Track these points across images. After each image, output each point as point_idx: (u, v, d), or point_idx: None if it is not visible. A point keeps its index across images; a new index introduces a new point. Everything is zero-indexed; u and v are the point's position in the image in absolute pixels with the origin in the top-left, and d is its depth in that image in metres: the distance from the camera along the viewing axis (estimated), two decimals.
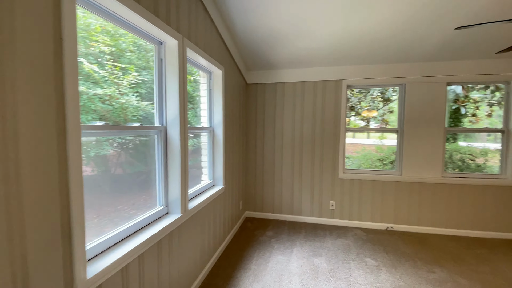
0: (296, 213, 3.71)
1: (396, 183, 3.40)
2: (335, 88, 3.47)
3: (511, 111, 3.10)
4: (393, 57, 3.08)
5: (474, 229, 3.22)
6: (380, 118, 5.33)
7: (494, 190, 3.15)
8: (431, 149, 3.27)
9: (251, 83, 3.72)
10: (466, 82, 3.25)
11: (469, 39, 2.62)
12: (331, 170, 3.55)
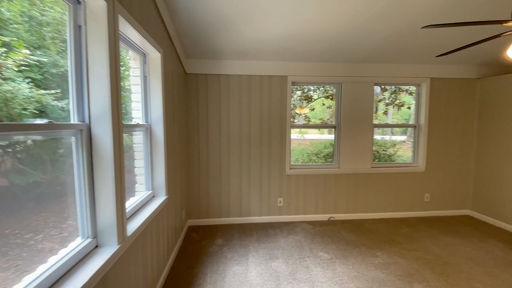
0: (245, 215, 3.50)
1: (335, 175, 3.61)
2: (281, 84, 3.39)
3: (421, 109, 3.70)
4: (334, 57, 3.20)
5: (396, 211, 3.74)
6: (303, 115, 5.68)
7: (409, 176, 3.72)
8: (362, 143, 3.60)
9: (190, 72, 3.25)
10: (388, 83, 3.70)
11: (395, 46, 2.94)
12: (278, 167, 3.49)
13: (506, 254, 2.65)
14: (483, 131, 3.61)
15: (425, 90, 3.61)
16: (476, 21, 1.31)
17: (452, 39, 2.78)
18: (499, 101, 3.37)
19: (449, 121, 3.68)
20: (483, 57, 3.32)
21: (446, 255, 2.65)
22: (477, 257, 2.61)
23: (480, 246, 2.84)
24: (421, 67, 3.53)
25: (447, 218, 3.70)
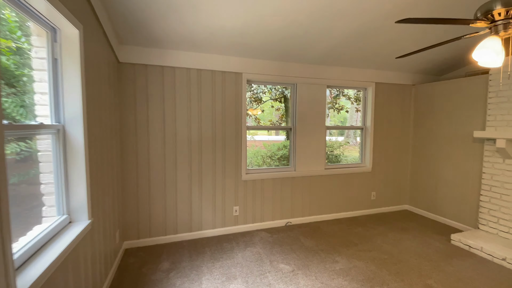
0: (197, 229, 3.07)
1: (292, 179, 3.48)
2: (235, 82, 3.09)
3: (368, 112, 3.87)
4: (290, 56, 3.06)
5: (348, 210, 3.83)
6: (253, 117, 5.54)
7: (358, 176, 3.85)
8: (317, 145, 3.57)
9: (125, 62, 2.67)
10: (339, 86, 3.76)
11: (346, 50, 2.96)
12: (234, 173, 3.17)
13: (445, 245, 2.90)
14: (417, 132, 3.98)
15: (371, 94, 3.80)
16: (447, 18, 1.23)
17: (401, 46, 2.93)
18: (430, 105, 3.75)
19: (390, 123, 3.95)
20: (417, 66, 3.64)
21: (397, 253, 2.74)
22: (423, 251, 2.77)
23: (422, 240, 3.05)
24: (367, 72, 3.68)
25: (390, 213, 3.96)
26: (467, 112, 3.25)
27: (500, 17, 1.25)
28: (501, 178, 2.85)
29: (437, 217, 3.65)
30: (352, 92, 5.27)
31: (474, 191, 3.19)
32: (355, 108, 6.01)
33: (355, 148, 4.88)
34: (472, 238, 2.82)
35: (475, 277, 2.29)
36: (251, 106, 5.37)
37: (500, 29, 1.29)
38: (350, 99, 5.93)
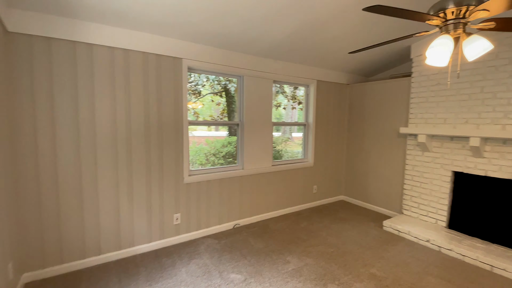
0: (127, 245, 2.54)
1: (240, 178, 3.27)
2: (174, 68, 2.66)
3: (310, 109, 3.95)
4: (237, 45, 2.80)
5: (293, 205, 3.86)
6: (192, 111, 5.13)
7: (302, 171, 3.92)
8: (264, 141, 3.45)
9: (17, 31, 1.94)
10: (285, 82, 3.71)
11: (293, 45, 2.89)
12: (174, 176, 2.75)
13: (379, 232, 3.17)
14: (351, 128, 4.30)
15: (313, 91, 3.88)
16: (410, 10, 1.19)
17: (344, 44, 3.01)
18: (362, 104, 4.08)
19: (329, 120, 4.14)
20: (351, 66, 3.89)
21: (342, 244, 2.85)
22: (363, 240, 2.96)
23: (360, 228, 3.28)
24: (311, 69, 3.74)
25: (329, 205, 4.18)
26: (393, 110, 3.64)
27: (452, 16, 1.29)
28: (421, 168, 3.27)
29: (369, 205, 4.03)
30: (289, 89, 5.41)
31: (398, 181, 3.61)
32: (291, 105, 6.21)
33: (292, 143, 5.00)
34: (400, 223, 3.16)
35: (409, 260, 2.54)
36: (189, 99, 4.90)
37: (450, 29, 1.33)
38: (287, 96, 6.09)
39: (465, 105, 2.83)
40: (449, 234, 2.87)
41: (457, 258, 2.56)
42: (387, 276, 2.28)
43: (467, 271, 2.35)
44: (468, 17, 1.26)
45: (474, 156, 2.77)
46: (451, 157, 2.98)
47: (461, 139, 2.88)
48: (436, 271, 2.35)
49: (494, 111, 2.61)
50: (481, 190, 2.78)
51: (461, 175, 2.93)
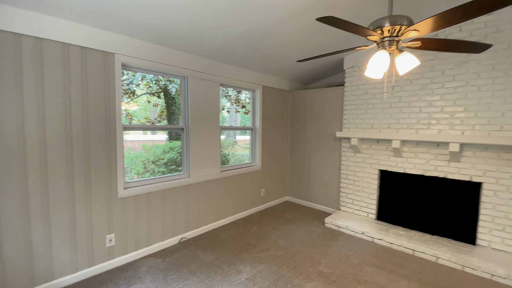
0: (44, 279, 2.03)
1: (185, 187, 3.04)
2: (105, 64, 2.28)
3: (256, 113, 3.98)
4: (180, 43, 2.59)
5: (242, 211, 3.80)
6: (124, 113, 4.61)
7: (250, 176, 3.91)
8: (212, 147, 3.30)
9: None
10: (231, 85, 3.64)
11: (242, 49, 2.86)
12: (105, 190, 2.34)
13: (322, 229, 3.39)
14: (294, 132, 4.52)
15: (259, 96, 3.93)
16: (357, 24, 1.27)
17: (288, 52, 3.12)
18: (303, 110, 4.34)
19: (274, 124, 4.26)
20: (292, 74, 4.10)
21: (290, 245, 2.93)
22: (309, 239, 3.11)
23: (305, 227, 3.44)
24: (257, 74, 3.78)
25: (276, 206, 4.28)
26: (330, 116, 3.97)
27: (388, 33, 1.44)
28: (354, 168, 3.65)
29: (312, 204, 4.29)
30: (233, 93, 5.39)
31: (336, 180, 3.95)
32: (235, 109, 6.20)
33: (237, 146, 4.97)
34: (339, 219, 3.45)
35: (349, 253, 2.77)
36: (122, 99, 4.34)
37: (386, 45, 1.49)
38: (231, 99, 6.06)
39: (387, 112, 3.28)
40: (378, 225, 3.26)
41: (387, 246, 2.93)
42: (333, 271, 2.43)
43: (396, 257, 2.70)
44: (401, 35, 1.42)
45: (395, 156, 3.24)
46: (377, 157, 3.41)
47: (385, 142, 3.33)
48: (372, 261, 2.62)
49: (409, 117, 3.10)
50: (401, 185, 3.26)
51: (386, 173, 3.39)
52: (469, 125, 2.71)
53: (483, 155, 2.65)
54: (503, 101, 2.51)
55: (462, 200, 2.82)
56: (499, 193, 2.59)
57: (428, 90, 2.95)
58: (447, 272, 2.43)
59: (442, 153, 2.89)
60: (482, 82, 2.62)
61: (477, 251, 2.61)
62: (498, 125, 2.55)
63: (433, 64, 2.90)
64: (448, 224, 2.91)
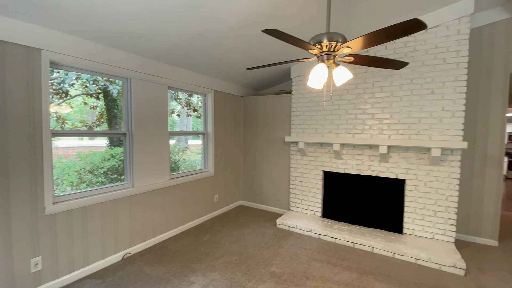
0: None
1: (129, 198, 2.80)
2: (28, 61, 1.97)
3: (208, 118, 3.92)
4: (123, 42, 2.41)
5: (194, 219, 3.68)
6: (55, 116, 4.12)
7: (202, 182, 3.82)
8: (160, 153, 3.13)
9: None
10: (181, 89, 3.52)
11: (192, 51, 2.80)
12: (28, 206, 2.01)
13: (274, 230, 3.50)
14: (246, 137, 4.59)
15: (211, 100, 3.89)
16: (299, 39, 1.38)
17: (239, 59, 3.17)
18: (255, 115, 4.45)
19: (226, 129, 4.26)
20: (244, 80, 4.19)
21: (244, 250, 2.95)
22: (261, 241, 3.18)
23: (258, 230, 3.51)
24: (209, 79, 3.73)
25: (230, 212, 4.27)
26: (280, 121, 4.16)
27: (326, 48, 1.59)
28: (301, 170, 3.88)
29: (265, 206, 4.40)
30: (183, 96, 5.23)
31: (286, 182, 4.14)
32: (186, 112, 6.02)
33: (189, 152, 4.82)
34: (289, 219, 3.61)
35: (299, 251, 2.92)
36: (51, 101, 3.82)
37: (325, 58, 1.64)
38: (181, 102, 5.86)
39: (328, 118, 3.60)
40: (323, 222, 3.52)
41: (331, 241, 3.18)
42: (284, 271, 2.53)
43: (339, 251, 2.95)
44: (337, 51, 1.59)
45: (336, 158, 3.56)
46: (321, 160, 3.70)
47: (327, 145, 3.63)
48: (319, 256, 2.81)
49: (347, 123, 3.45)
50: (342, 184, 3.59)
51: (329, 174, 3.69)
52: (394, 130, 3.15)
53: (405, 155, 3.11)
54: (419, 110, 3.00)
55: (391, 195, 3.25)
56: (418, 187, 3.07)
57: (361, 99, 3.33)
58: (381, 260, 2.75)
59: (374, 154, 3.29)
60: (403, 93, 3.08)
61: (404, 239, 3.03)
62: (416, 130, 3.03)
63: (365, 77, 3.30)
64: (381, 217, 3.31)
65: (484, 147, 3.14)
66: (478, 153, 3.17)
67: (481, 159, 3.16)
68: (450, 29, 2.82)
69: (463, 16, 2.74)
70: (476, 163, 3.19)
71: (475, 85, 3.15)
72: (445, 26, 2.83)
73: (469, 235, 3.28)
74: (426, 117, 2.95)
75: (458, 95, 2.79)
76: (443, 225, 2.95)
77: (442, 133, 2.88)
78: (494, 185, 3.12)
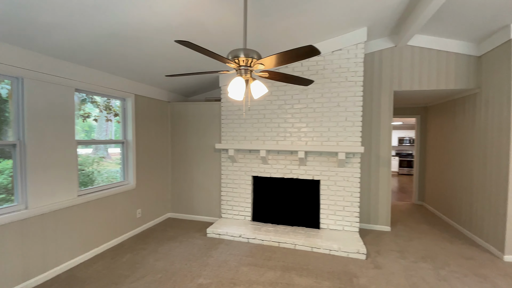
0: None
1: (22, 222, 2.30)
2: None
3: (128, 125, 3.58)
4: (7, 34, 1.99)
5: (111, 239, 3.27)
6: None
7: (121, 196, 3.45)
8: (64, 166, 2.69)
9: None
10: (93, 92, 3.12)
11: (102, 52, 2.54)
12: None
13: (204, 240, 3.43)
14: (175, 145, 4.39)
15: (131, 106, 3.58)
16: (214, 52, 1.43)
17: (164, 63, 3.02)
18: (184, 122, 4.30)
19: (151, 136, 3.99)
20: (172, 85, 4.03)
21: (170, 265, 2.79)
22: (190, 253, 3.07)
23: (187, 242, 3.38)
24: (128, 82, 3.43)
25: (156, 226, 3.97)
26: (210, 128, 4.14)
27: (243, 63, 1.68)
28: (232, 176, 3.95)
29: (196, 216, 4.27)
30: (102, 99, 4.65)
31: (217, 189, 4.13)
32: (105, 117, 5.35)
33: (108, 162, 4.31)
34: (219, 227, 3.61)
35: (228, 258, 2.94)
36: None
37: (242, 72, 1.73)
38: (99, 106, 5.19)
39: (256, 126, 3.79)
40: (253, 226, 3.66)
41: (259, 244, 3.32)
42: (212, 280, 2.50)
43: (266, 252, 3.10)
44: (252, 66, 1.70)
45: (263, 164, 3.77)
46: (250, 165, 3.85)
47: (255, 152, 3.81)
48: (247, 260, 2.90)
49: (271, 131, 3.70)
50: (269, 187, 3.81)
51: (257, 178, 3.87)
52: (310, 137, 3.54)
53: (319, 159, 3.54)
54: (328, 120, 3.47)
55: (310, 195, 3.63)
56: (330, 186, 3.52)
57: (283, 110, 3.64)
58: (302, 255, 3.03)
59: (294, 159, 3.63)
60: (316, 105, 3.51)
61: (320, 234, 3.41)
62: (327, 137, 3.48)
63: (285, 89, 3.63)
64: (302, 216, 3.66)
65: (377, 150, 3.86)
66: (373, 155, 3.87)
67: (376, 160, 3.87)
68: (350, 53, 3.38)
69: (359, 42, 3.33)
70: (372, 163, 3.89)
71: (369, 99, 3.85)
72: (346, 50, 3.38)
73: (370, 223, 3.95)
74: (334, 126, 3.44)
75: (357, 108, 3.36)
76: (350, 217, 3.47)
77: (346, 139, 3.40)
78: (386, 180, 3.86)
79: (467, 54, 3.51)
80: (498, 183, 3.08)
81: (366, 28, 3.25)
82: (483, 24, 2.93)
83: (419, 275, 2.63)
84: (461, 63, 3.54)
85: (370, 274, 2.65)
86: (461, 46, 3.49)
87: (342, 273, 2.64)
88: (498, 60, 3.09)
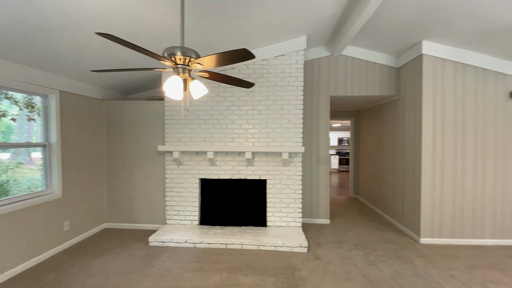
0: None
1: None
2: None
3: (51, 125, 3.12)
4: None
5: (31, 258, 2.79)
6: None
7: (43, 208, 2.98)
8: None
9: None
10: (7, 87, 2.62)
11: (13, 40, 2.16)
12: None
13: (146, 250, 3.18)
14: (111, 148, 3.98)
15: (55, 104, 3.12)
16: (145, 48, 1.36)
17: (94, 57, 2.71)
18: (122, 122, 3.94)
19: (81, 138, 3.55)
20: (107, 82, 3.65)
21: (104, 281, 2.51)
22: (128, 265, 2.82)
23: (126, 254, 3.10)
24: (50, 76, 2.98)
25: (89, 239, 3.54)
26: (152, 129, 3.89)
27: (180, 62, 1.62)
28: (178, 180, 3.78)
29: (136, 225, 3.95)
30: (22, 95, 3.95)
31: (161, 194, 3.90)
32: (26, 116, 4.58)
33: (29, 168, 3.69)
34: (163, 234, 3.41)
35: (171, 266, 2.79)
36: None
37: (180, 71, 1.67)
38: (18, 103, 4.41)
39: (203, 127, 3.70)
40: (200, 230, 3.56)
41: (206, 248, 3.25)
42: None
43: (213, 255, 3.05)
44: (191, 65, 1.65)
45: (211, 165, 3.71)
46: (197, 168, 3.75)
47: (202, 153, 3.72)
48: (192, 266, 2.80)
49: (219, 132, 3.67)
50: (217, 189, 3.77)
51: (205, 181, 3.79)
52: (256, 138, 3.63)
53: (266, 159, 3.64)
54: (273, 121, 3.60)
55: (257, 194, 3.71)
56: (275, 185, 3.66)
57: (230, 111, 3.65)
58: (249, 255, 3.07)
59: (242, 160, 3.66)
60: (262, 108, 3.61)
61: (267, 231, 3.51)
62: (272, 138, 3.61)
63: (232, 91, 3.64)
64: (250, 215, 3.71)
65: (317, 149, 4.16)
66: (314, 155, 4.17)
67: (316, 159, 4.17)
68: (291, 59, 3.57)
69: (300, 49, 3.54)
70: (313, 162, 4.18)
71: (310, 103, 4.13)
72: (288, 56, 3.57)
73: (312, 218, 4.23)
74: (278, 128, 3.59)
75: (298, 111, 3.57)
76: (293, 213, 3.66)
77: (289, 140, 3.58)
78: (325, 177, 4.19)
79: (389, 66, 4.06)
80: (414, 174, 3.63)
81: (306, 37, 3.48)
82: (401, 40, 3.43)
83: (352, 262, 2.93)
84: (385, 73, 4.08)
85: (310, 265, 2.83)
86: (384, 58, 4.02)
87: (285, 268, 2.77)
88: (412, 71, 3.66)
